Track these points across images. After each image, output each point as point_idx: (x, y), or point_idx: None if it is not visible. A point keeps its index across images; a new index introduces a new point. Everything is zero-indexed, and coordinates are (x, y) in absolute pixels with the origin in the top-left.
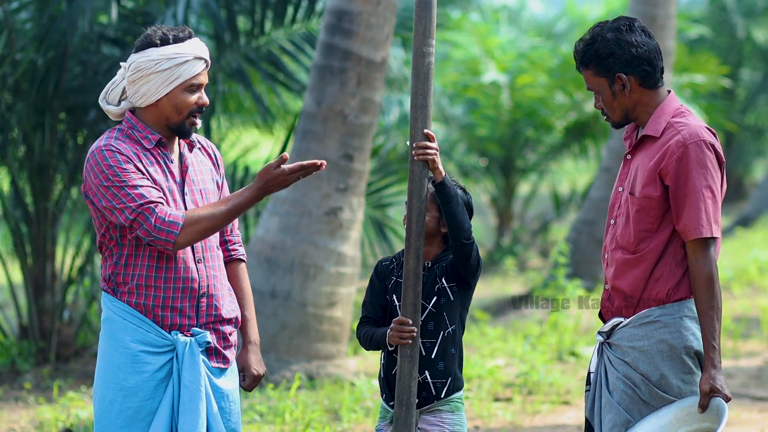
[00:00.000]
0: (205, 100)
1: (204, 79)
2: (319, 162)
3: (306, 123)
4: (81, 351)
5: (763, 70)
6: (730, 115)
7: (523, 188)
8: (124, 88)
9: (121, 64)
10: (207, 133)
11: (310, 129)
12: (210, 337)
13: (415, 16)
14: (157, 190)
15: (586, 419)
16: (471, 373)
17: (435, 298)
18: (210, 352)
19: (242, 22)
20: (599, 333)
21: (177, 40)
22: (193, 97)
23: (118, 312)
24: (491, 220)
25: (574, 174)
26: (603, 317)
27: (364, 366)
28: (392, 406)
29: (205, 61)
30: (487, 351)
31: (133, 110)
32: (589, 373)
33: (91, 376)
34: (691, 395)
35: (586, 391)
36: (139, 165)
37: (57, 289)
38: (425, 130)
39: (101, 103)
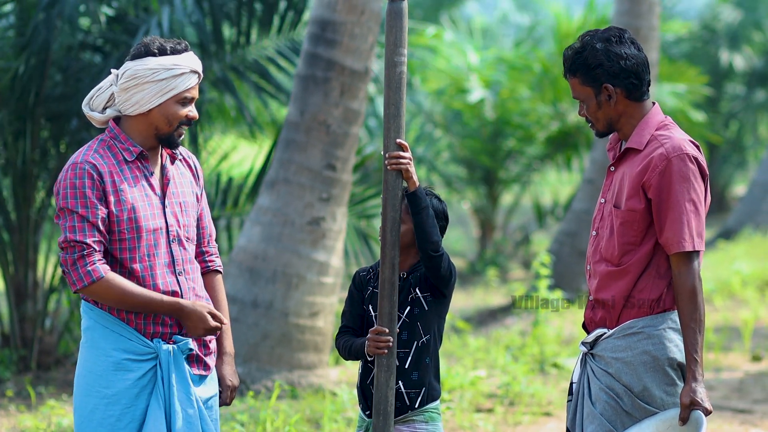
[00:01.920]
0: (195, 113)
1: (196, 92)
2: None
3: (289, 132)
4: (62, 359)
5: (747, 86)
6: (713, 128)
7: (506, 199)
8: (112, 95)
9: (112, 71)
10: (193, 142)
11: (293, 138)
12: (192, 344)
13: (386, 26)
14: (101, 233)
15: (568, 429)
16: (453, 384)
17: (409, 308)
18: (191, 359)
19: (228, 32)
20: (583, 344)
21: (174, 51)
22: (185, 110)
23: (100, 320)
24: (474, 230)
25: (556, 185)
26: (586, 328)
27: (346, 376)
28: (369, 416)
29: (199, 74)
30: (469, 362)
31: (117, 119)
32: (571, 384)
33: (73, 385)
34: (674, 407)
35: (568, 401)
36: (108, 186)
37: (38, 297)
38: (398, 140)
39: (84, 108)
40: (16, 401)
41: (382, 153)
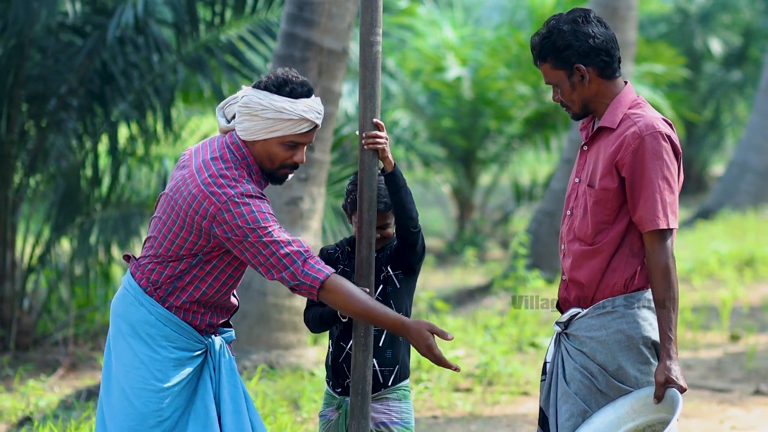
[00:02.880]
0: (301, 158)
1: (307, 139)
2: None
3: None
4: (41, 339)
5: (724, 66)
6: (691, 106)
7: (484, 179)
8: None
9: (243, 87)
10: (167, 122)
11: None
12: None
13: (361, 5)
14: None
15: (541, 408)
16: (431, 364)
17: (381, 286)
18: (230, 345)
19: (202, 11)
20: (557, 323)
21: (293, 93)
22: (288, 153)
23: (161, 318)
24: (452, 210)
25: (534, 165)
26: (560, 308)
27: (324, 355)
28: (339, 393)
29: (314, 123)
30: (447, 342)
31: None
32: (545, 363)
33: (51, 365)
34: (648, 386)
35: (541, 380)
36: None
37: (17, 278)
38: (374, 119)
39: (217, 112)
40: None
41: (358, 133)
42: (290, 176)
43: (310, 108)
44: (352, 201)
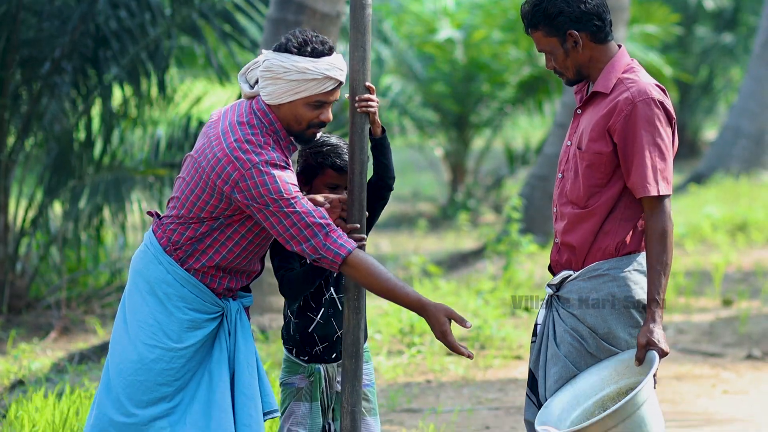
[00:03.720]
0: (328, 116)
1: (333, 97)
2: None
3: None
4: (33, 303)
5: (716, 29)
6: (684, 68)
7: (477, 143)
8: None
9: (262, 51)
10: (161, 88)
11: None
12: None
13: None
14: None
15: (530, 370)
16: (424, 328)
17: None
18: (247, 310)
19: None
20: (548, 286)
21: (314, 53)
22: (315, 113)
23: (179, 279)
24: (445, 175)
25: (528, 129)
26: (552, 270)
27: None
28: (306, 361)
29: (338, 81)
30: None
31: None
32: (536, 325)
33: (44, 328)
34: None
35: (531, 342)
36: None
37: (9, 241)
38: (366, 83)
39: (239, 78)
40: None
41: (348, 96)
42: (319, 134)
43: (333, 66)
44: (317, 164)
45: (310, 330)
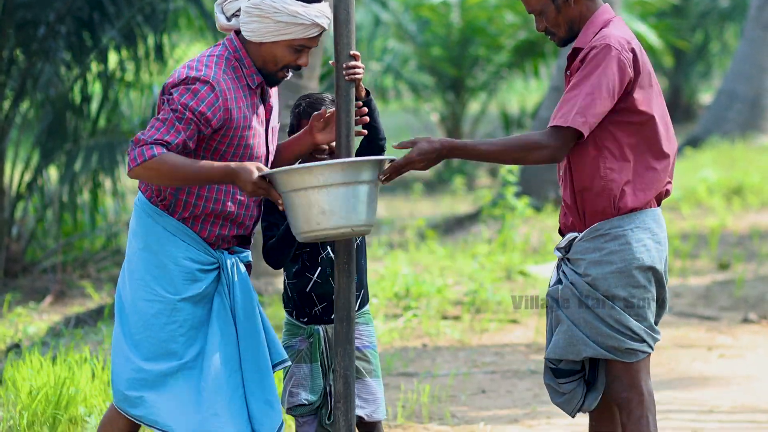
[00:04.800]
0: (306, 61)
1: (314, 43)
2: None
3: None
4: (29, 267)
5: None
6: (680, 34)
7: (473, 107)
8: (241, 8)
9: None
10: (159, 51)
11: None
12: (251, 256)
13: None
14: (177, 144)
15: (548, 333)
16: (420, 291)
17: None
18: (249, 268)
19: None
20: (557, 249)
21: None
22: (294, 56)
23: (171, 229)
24: None
25: (523, 93)
26: (562, 233)
27: None
28: (305, 322)
29: (322, 28)
30: (436, 269)
31: (239, 32)
32: (549, 287)
33: (40, 292)
34: (639, 312)
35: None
36: (225, 113)
37: (5, 205)
38: (351, 51)
39: (216, 7)
40: None
41: (333, 59)
42: (288, 76)
43: (322, 13)
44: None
45: (308, 290)
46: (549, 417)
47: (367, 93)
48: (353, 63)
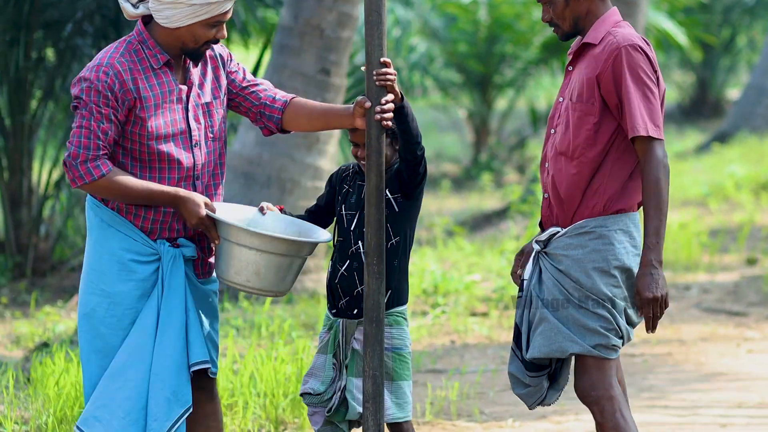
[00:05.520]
0: (224, 33)
1: (228, 15)
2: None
3: (283, 37)
4: (57, 265)
5: None
6: (708, 29)
7: (501, 104)
8: None
9: None
10: None
11: (287, 43)
12: (196, 250)
13: None
14: (108, 144)
15: (516, 324)
16: (448, 288)
17: None
18: (196, 263)
19: None
20: (536, 242)
21: None
22: (213, 31)
23: (107, 219)
24: (468, 136)
25: (551, 90)
26: (542, 226)
27: None
28: (334, 314)
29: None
30: (464, 266)
31: (147, 18)
32: (522, 280)
33: (68, 291)
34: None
35: (518, 296)
36: (129, 94)
37: (33, 204)
38: (383, 58)
39: None
40: (12, 308)
41: (365, 61)
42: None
43: None
44: None
45: (336, 281)
46: (577, 414)
47: (402, 98)
48: (384, 70)
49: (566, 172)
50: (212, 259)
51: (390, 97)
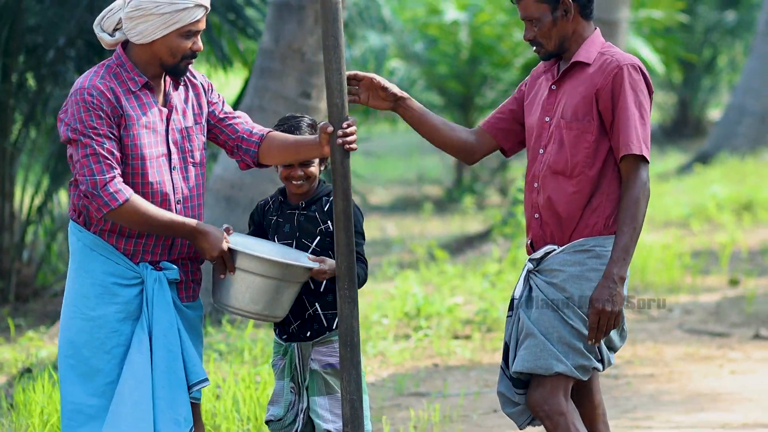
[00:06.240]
0: (200, 46)
1: (202, 25)
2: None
3: (264, 60)
4: (40, 291)
5: (719, 8)
6: (688, 47)
7: None
8: (121, 18)
9: None
10: None
11: (268, 66)
12: (179, 273)
13: None
14: (117, 161)
15: (505, 343)
16: (430, 311)
17: (319, 238)
18: (180, 286)
19: None
20: (530, 260)
21: None
22: (188, 42)
23: (89, 243)
24: (450, 158)
25: None
26: (534, 246)
27: None
28: (285, 340)
29: (206, 8)
30: (447, 289)
31: (125, 43)
32: (512, 299)
33: (51, 316)
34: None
35: (508, 317)
36: (116, 111)
37: (16, 229)
38: (345, 122)
39: (95, 29)
40: None
41: (325, 82)
42: (191, 65)
43: None
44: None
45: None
46: None
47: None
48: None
49: (565, 190)
50: (195, 285)
51: (353, 119)
